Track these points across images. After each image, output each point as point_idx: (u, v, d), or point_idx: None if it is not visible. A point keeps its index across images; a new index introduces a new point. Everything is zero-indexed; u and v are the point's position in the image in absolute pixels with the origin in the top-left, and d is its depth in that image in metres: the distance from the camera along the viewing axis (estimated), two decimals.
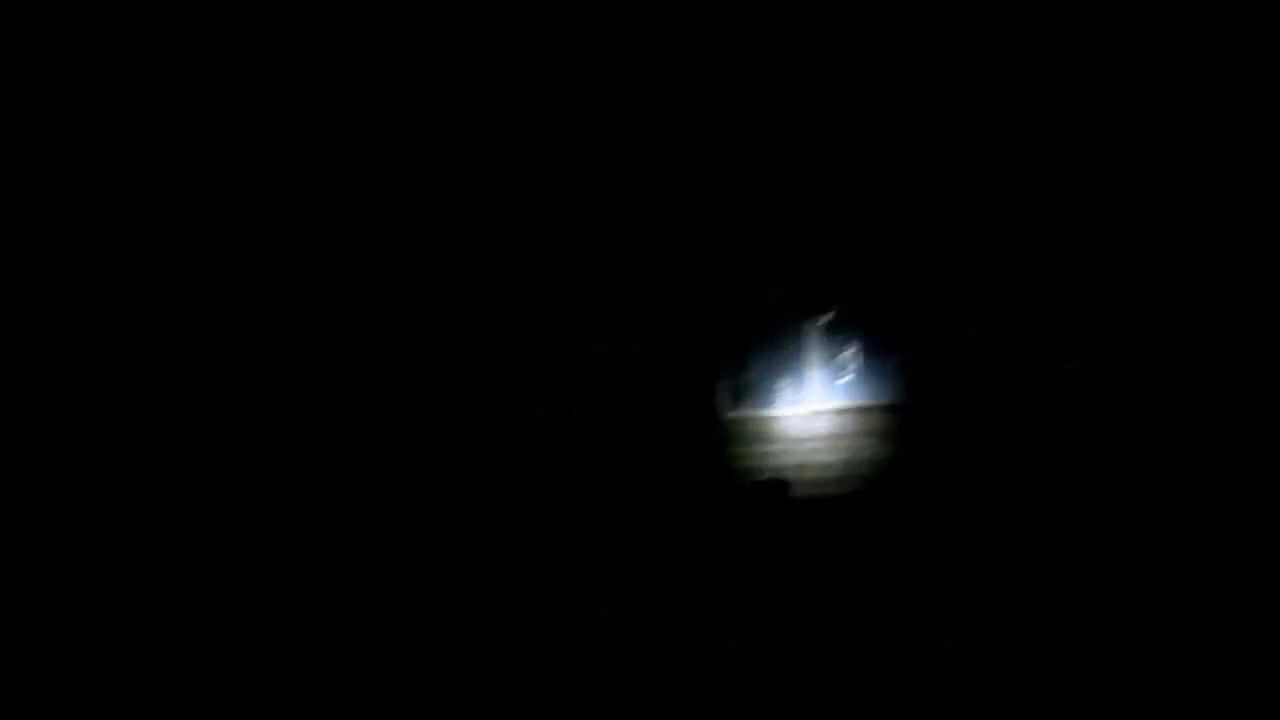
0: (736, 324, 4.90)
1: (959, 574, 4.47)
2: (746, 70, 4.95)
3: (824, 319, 4.84)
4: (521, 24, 5.01)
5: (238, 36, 5.02)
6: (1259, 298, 4.45)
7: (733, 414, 4.81)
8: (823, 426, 4.76)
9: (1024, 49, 4.68)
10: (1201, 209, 4.52)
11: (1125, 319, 4.51)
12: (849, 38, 4.86)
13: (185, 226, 5.01)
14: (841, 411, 4.77)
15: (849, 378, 4.83)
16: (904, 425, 4.64)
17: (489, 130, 5.03)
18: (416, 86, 5.05)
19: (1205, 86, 4.53)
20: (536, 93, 5.01)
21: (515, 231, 4.98)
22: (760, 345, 4.93)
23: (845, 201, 4.82)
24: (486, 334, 4.94)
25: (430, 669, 4.57)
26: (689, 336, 4.86)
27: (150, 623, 4.60)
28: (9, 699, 4.46)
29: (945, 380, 4.61)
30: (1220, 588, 4.24)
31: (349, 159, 5.04)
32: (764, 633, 4.48)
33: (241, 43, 5.02)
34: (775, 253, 4.88)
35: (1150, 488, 4.38)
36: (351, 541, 4.73)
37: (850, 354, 4.83)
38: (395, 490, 4.79)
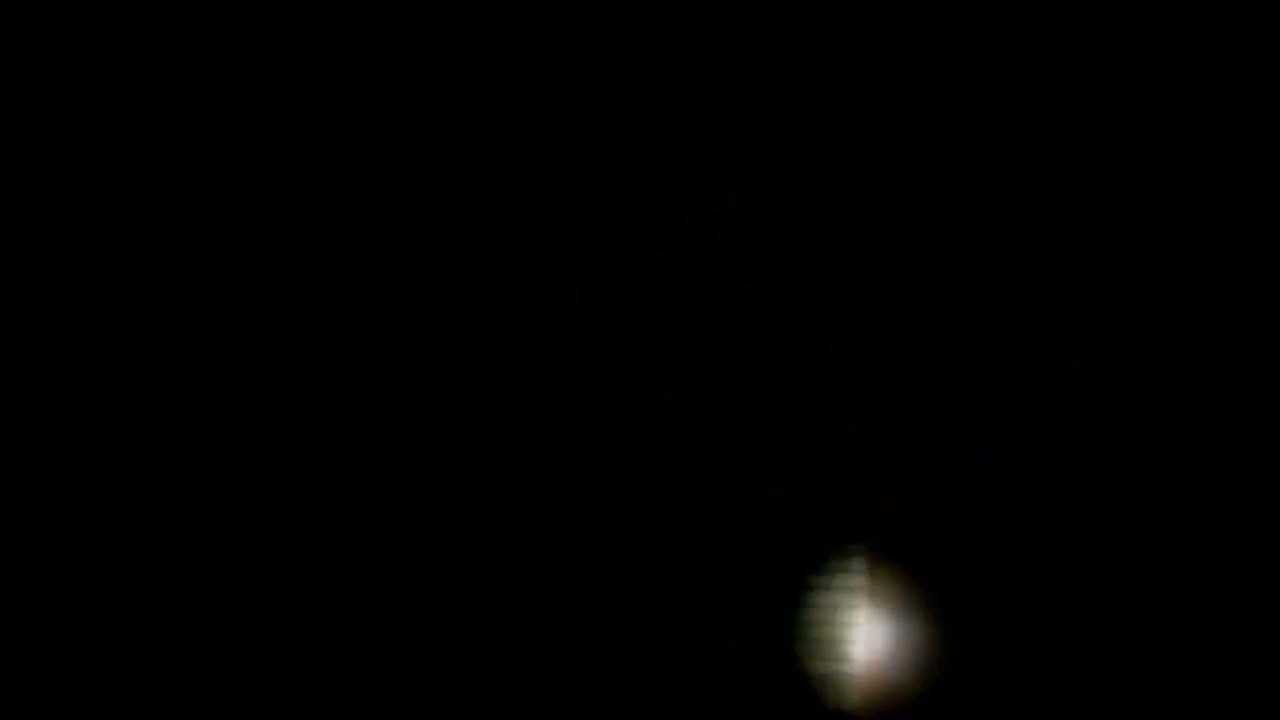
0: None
1: (959, 574, 4.48)
2: (744, 64, 4.94)
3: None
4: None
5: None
6: (1260, 298, 4.45)
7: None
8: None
9: (1024, 47, 4.68)
10: (1202, 209, 4.52)
11: (1125, 319, 4.51)
12: (848, 34, 4.86)
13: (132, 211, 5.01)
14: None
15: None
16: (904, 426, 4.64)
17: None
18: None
19: (1206, 85, 4.52)
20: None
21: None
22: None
23: (843, 201, 4.82)
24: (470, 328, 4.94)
25: (413, 659, 4.58)
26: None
27: (125, 605, 4.60)
28: (9, 699, 4.46)
29: (946, 380, 4.60)
30: (1221, 588, 4.24)
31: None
32: (764, 631, 4.49)
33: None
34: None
35: (1150, 488, 4.39)
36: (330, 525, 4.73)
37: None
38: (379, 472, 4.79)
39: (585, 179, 5.10)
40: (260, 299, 4.98)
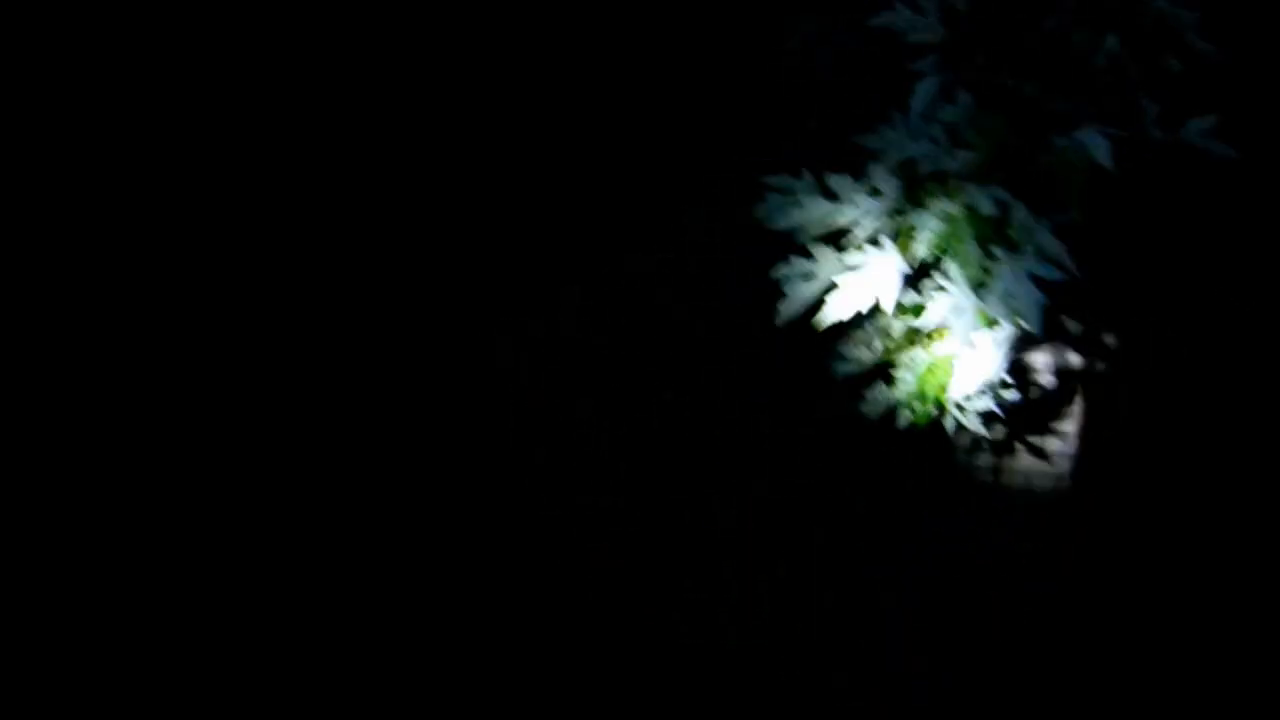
0: None
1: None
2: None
3: None
4: None
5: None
6: (1261, 297, 4.44)
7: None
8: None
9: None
10: (1204, 207, 4.51)
11: (1126, 318, 4.50)
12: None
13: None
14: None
15: None
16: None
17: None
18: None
19: (1202, 83, 4.51)
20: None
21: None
22: None
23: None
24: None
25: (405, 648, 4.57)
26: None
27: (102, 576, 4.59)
28: (9, 699, 4.47)
29: None
30: (1222, 589, 4.23)
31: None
32: (759, 628, 4.48)
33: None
34: None
35: (1151, 486, 4.37)
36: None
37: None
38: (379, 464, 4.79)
39: (585, 180, 5.10)
40: (263, 300, 4.98)
